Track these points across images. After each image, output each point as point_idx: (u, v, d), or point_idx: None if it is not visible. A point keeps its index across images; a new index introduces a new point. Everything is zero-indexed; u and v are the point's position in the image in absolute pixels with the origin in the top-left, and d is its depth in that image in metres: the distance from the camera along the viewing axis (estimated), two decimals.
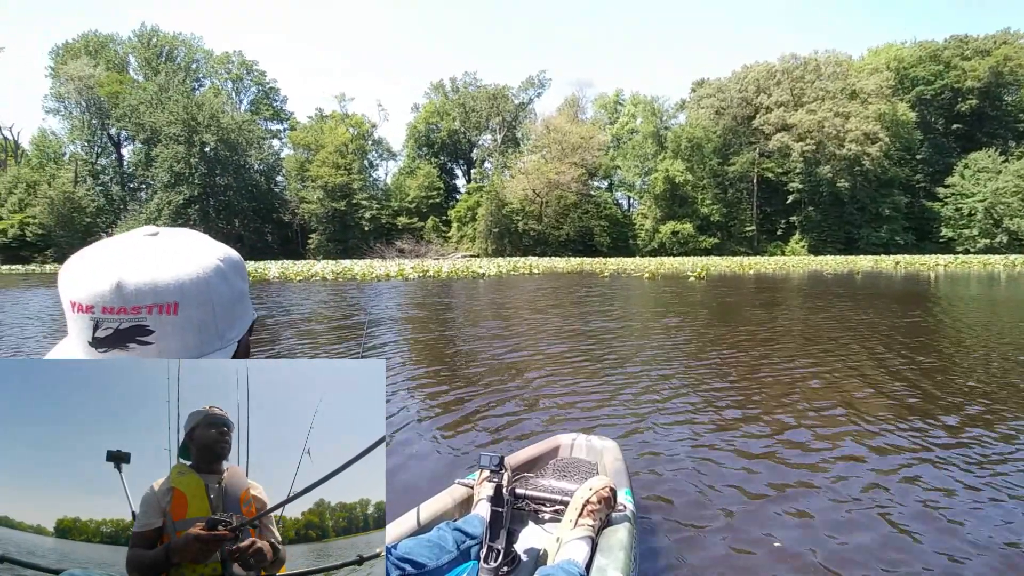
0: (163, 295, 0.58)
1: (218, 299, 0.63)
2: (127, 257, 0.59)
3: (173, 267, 0.60)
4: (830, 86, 52.16)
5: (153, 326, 0.59)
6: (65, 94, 51.73)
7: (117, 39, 57.58)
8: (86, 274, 0.58)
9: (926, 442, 3.10)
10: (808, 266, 29.09)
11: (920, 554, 2.01)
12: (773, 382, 4.51)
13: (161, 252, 0.61)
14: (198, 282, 0.61)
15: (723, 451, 3.03)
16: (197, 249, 0.64)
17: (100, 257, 0.59)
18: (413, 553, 1.35)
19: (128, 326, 0.58)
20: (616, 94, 66.99)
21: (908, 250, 48.68)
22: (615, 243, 53.23)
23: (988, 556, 1.97)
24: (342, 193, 53.45)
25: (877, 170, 49.53)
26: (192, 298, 0.60)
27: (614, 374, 4.87)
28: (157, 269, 0.59)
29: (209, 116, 49.89)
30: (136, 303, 0.57)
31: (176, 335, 0.60)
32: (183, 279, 0.60)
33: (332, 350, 6.34)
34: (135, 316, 0.58)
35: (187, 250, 0.63)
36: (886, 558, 1.98)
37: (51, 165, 52.45)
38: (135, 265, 0.58)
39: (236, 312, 0.67)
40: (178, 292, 0.59)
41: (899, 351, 5.62)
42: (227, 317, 0.65)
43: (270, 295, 14.06)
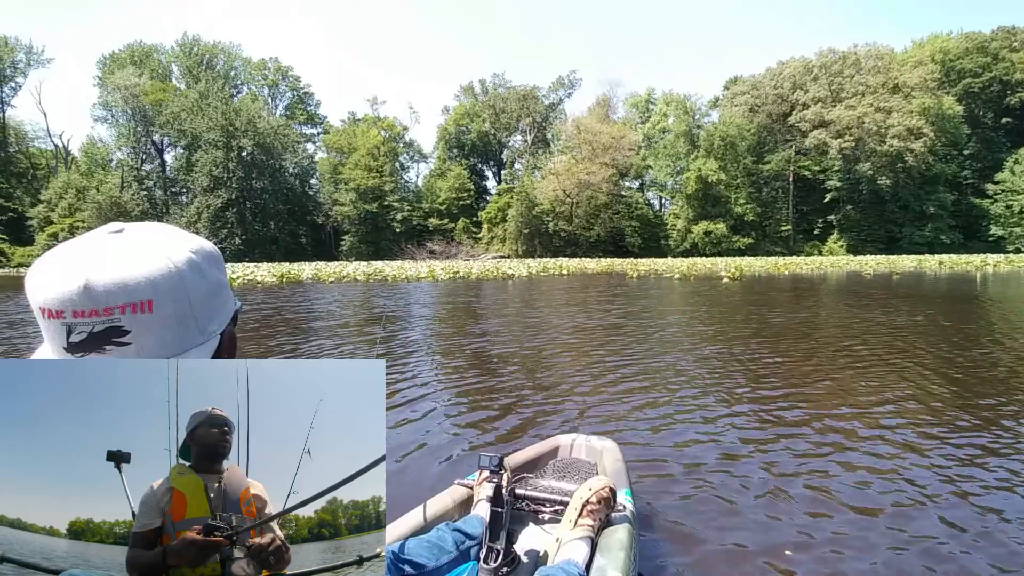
0: (135, 293, 0.57)
1: (194, 292, 0.62)
2: (93, 257, 0.57)
3: (143, 263, 0.58)
4: (871, 80, 50.52)
5: (128, 326, 0.57)
6: (112, 103, 53.83)
7: (160, 49, 59.71)
8: (52, 278, 0.56)
9: (926, 443, 3.01)
10: (847, 266, 28.23)
11: (930, 556, 1.96)
12: (778, 384, 4.41)
13: (129, 249, 0.59)
14: (170, 277, 0.59)
15: (723, 451, 3.02)
16: (167, 243, 0.62)
17: (65, 259, 0.57)
18: (412, 554, 1.36)
19: (102, 328, 0.56)
20: (647, 93, 66.32)
21: (954, 249, 46.78)
22: (646, 244, 52.69)
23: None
24: (374, 195, 54.30)
25: (921, 166, 47.77)
26: (166, 294, 0.59)
27: (620, 375, 4.84)
28: (126, 267, 0.57)
29: (246, 121, 51.29)
30: (107, 304, 0.56)
31: (153, 333, 0.59)
32: (154, 275, 0.58)
33: (349, 348, 6.41)
34: (108, 318, 0.56)
35: (156, 244, 0.61)
36: (891, 559, 1.96)
37: (99, 171, 54.80)
38: (102, 265, 0.56)
39: (215, 304, 0.66)
40: (150, 289, 0.57)
41: (923, 354, 5.32)
42: (206, 310, 0.64)
43: (303, 294, 14.34)
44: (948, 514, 2.26)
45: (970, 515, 2.26)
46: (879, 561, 1.95)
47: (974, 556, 1.97)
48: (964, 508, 2.32)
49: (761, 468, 2.77)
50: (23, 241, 47.70)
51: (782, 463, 2.84)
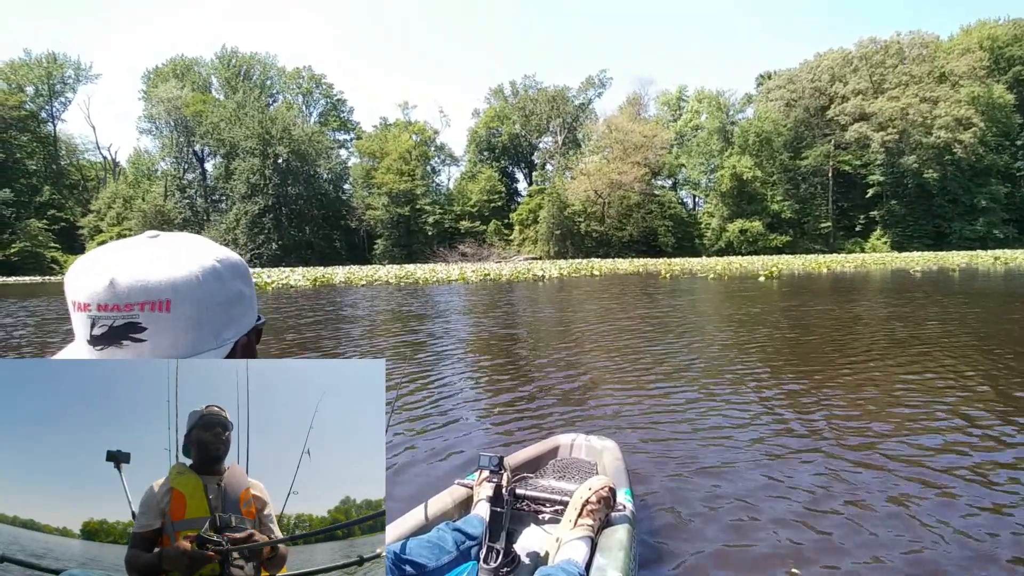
0: (155, 293, 0.59)
1: (211, 298, 0.64)
2: (123, 257, 0.61)
3: (166, 266, 0.61)
4: (915, 70, 48.64)
5: (146, 323, 0.59)
6: (156, 115, 56.07)
7: (200, 62, 61.95)
8: (85, 274, 0.60)
9: (944, 447, 2.84)
10: (892, 264, 27.10)
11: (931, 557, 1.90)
12: (787, 388, 4.22)
13: (157, 252, 0.62)
14: (191, 281, 0.62)
15: (725, 452, 2.95)
16: (194, 250, 0.65)
17: (99, 258, 0.61)
18: (413, 553, 1.36)
19: (122, 323, 0.59)
20: (679, 90, 65.37)
21: (1008, 244, 44.60)
22: (680, 243, 51.91)
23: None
24: (406, 199, 55.06)
25: (971, 158, 45.78)
26: (184, 296, 0.61)
27: (625, 375, 4.76)
28: (150, 268, 0.60)
29: (282, 129, 52.71)
30: (129, 300, 0.59)
31: (169, 332, 0.61)
32: (175, 278, 0.61)
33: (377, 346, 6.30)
34: (128, 313, 0.59)
35: (183, 251, 0.64)
36: (896, 561, 1.91)
37: (145, 181, 57.14)
38: (129, 264, 0.60)
39: (233, 314, 0.67)
40: (170, 290, 0.60)
41: (956, 353, 5.04)
42: (222, 317, 0.66)
43: (331, 297, 14.51)
44: (965, 525, 2.11)
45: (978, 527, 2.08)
46: (883, 563, 1.89)
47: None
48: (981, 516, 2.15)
49: (764, 469, 2.70)
50: (75, 250, 50.04)
51: (784, 464, 2.77)
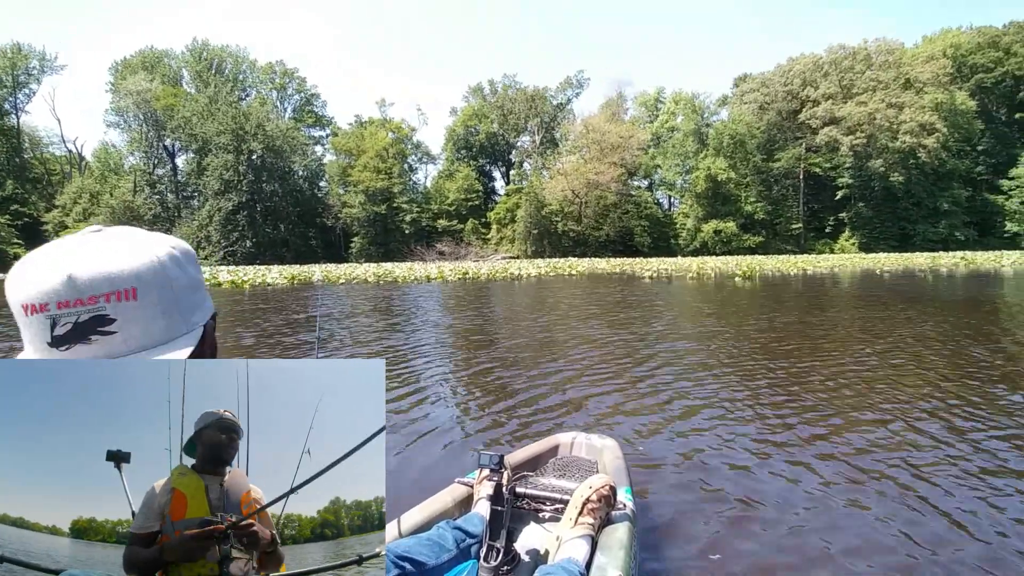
0: (119, 282, 0.57)
1: (176, 283, 0.63)
2: (75, 252, 0.58)
3: (125, 255, 0.59)
4: (882, 76, 50.00)
5: (114, 314, 0.57)
6: (124, 108, 54.25)
7: (171, 54, 60.10)
8: (34, 274, 0.57)
9: (937, 450, 2.97)
10: (860, 264, 27.91)
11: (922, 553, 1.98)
12: (786, 388, 4.36)
13: (110, 244, 0.60)
14: (153, 266, 0.60)
15: (726, 451, 3.01)
16: (146, 239, 0.64)
17: (46, 257, 0.58)
18: (413, 552, 1.36)
19: (88, 318, 0.57)
20: (657, 92, 65.97)
21: (969, 246, 46.16)
22: (656, 243, 52.42)
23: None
24: (383, 197, 54.41)
25: (934, 163, 47.21)
26: (149, 282, 0.59)
27: (622, 374, 4.85)
28: (109, 258, 0.58)
29: (255, 125, 51.48)
30: (92, 293, 0.56)
31: (139, 321, 0.59)
32: (137, 264, 0.59)
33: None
34: (93, 306, 0.56)
35: (136, 240, 0.63)
36: (897, 562, 1.96)
37: (112, 176, 55.32)
38: (85, 258, 0.58)
39: (196, 299, 0.67)
40: (134, 278, 0.58)
41: (946, 360, 5.12)
42: (188, 302, 0.65)
43: (312, 295, 14.29)
44: (968, 521, 2.21)
45: (949, 527, 2.18)
46: (884, 564, 1.94)
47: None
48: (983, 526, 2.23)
49: (763, 468, 2.76)
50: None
51: (785, 464, 2.82)
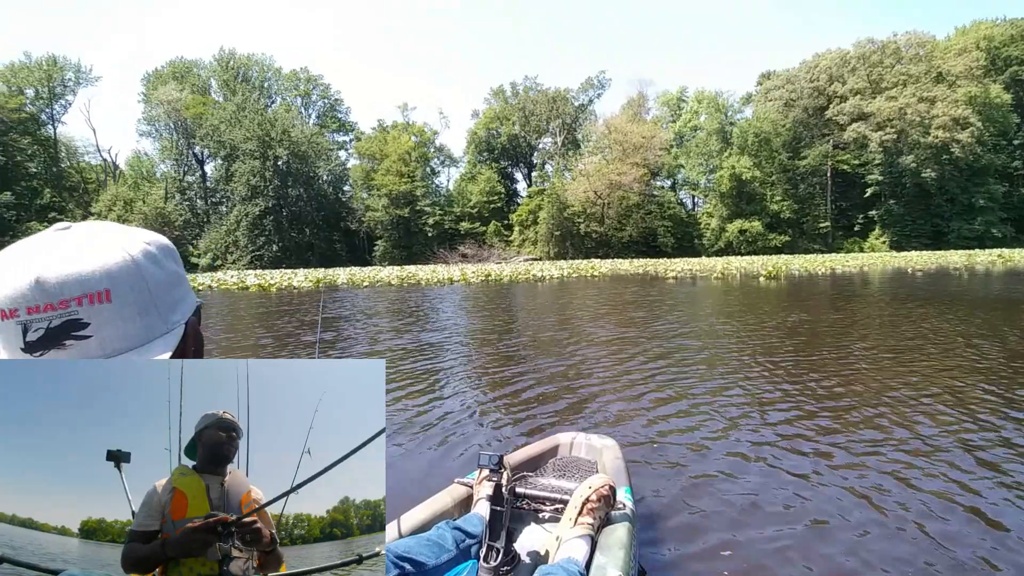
0: (91, 284, 0.54)
1: (152, 281, 0.59)
2: (42, 252, 0.55)
3: (97, 254, 0.56)
4: (912, 70, 48.72)
5: (87, 318, 0.55)
6: (156, 117, 55.92)
7: (200, 64, 61.64)
8: (1, 278, 0.54)
9: (946, 450, 2.93)
10: (891, 263, 27.22)
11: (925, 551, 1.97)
12: (788, 388, 4.31)
13: (80, 242, 0.57)
14: (127, 265, 0.57)
15: (724, 450, 3.00)
16: (119, 235, 0.60)
17: (12, 258, 0.55)
18: (413, 552, 1.36)
19: (60, 323, 0.54)
20: (679, 91, 65.29)
21: (1006, 243, 44.63)
22: (680, 243, 51.90)
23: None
24: (406, 200, 54.98)
25: (968, 158, 45.77)
26: (123, 282, 0.56)
27: (625, 374, 4.84)
28: (79, 258, 0.55)
29: (281, 131, 52.53)
30: (63, 296, 0.53)
31: (115, 324, 0.56)
32: (110, 264, 0.56)
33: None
34: (65, 311, 0.54)
35: (108, 237, 0.59)
36: (895, 558, 1.96)
37: (145, 184, 56.99)
38: (54, 259, 0.54)
39: (175, 295, 0.64)
40: (107, 279, 0.55)
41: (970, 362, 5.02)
42: (166, 300, 0.62)
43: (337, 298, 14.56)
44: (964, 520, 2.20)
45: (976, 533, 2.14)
46: (884, 562, 1.94)
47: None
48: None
49: (764, 468, 2.75)
50: None
51: (785, 463, 2.82)
